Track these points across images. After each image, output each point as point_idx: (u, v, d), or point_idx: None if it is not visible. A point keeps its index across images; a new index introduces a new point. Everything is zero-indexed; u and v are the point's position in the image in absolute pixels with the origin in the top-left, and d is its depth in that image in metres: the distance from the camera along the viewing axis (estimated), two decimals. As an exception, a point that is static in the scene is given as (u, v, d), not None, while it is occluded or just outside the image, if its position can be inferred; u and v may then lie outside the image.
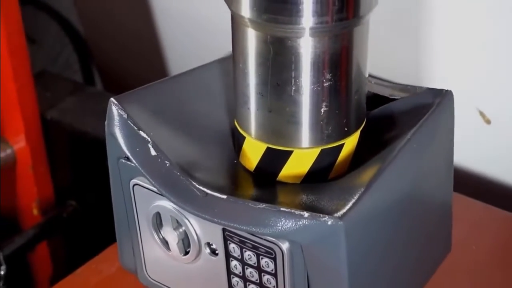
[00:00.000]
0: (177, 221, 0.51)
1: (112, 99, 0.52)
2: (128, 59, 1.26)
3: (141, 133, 0.51)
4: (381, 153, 0.48)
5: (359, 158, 0.51)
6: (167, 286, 0.58)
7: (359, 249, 0.46)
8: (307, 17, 0.41)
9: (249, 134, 0.50)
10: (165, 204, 0.51)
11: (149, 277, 0.59)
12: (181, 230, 0.52)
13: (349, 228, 0.44)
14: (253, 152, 0.50)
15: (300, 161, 0.49)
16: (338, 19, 0.42)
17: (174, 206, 0.50)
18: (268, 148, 0.49)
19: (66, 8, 1.25)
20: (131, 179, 0.53)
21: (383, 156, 0.47)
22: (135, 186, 0.53)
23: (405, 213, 0.50)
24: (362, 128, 0.51)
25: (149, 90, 0.55)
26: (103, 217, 0.62)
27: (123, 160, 0.53)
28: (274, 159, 0.49)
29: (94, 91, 1.13)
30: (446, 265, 0.61)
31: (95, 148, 1.00)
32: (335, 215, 0.44)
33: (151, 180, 0.50)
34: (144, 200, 0.53)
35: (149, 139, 0.51)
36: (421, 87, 0.51)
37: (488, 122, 0.85)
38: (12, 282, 1.03)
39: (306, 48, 0.43)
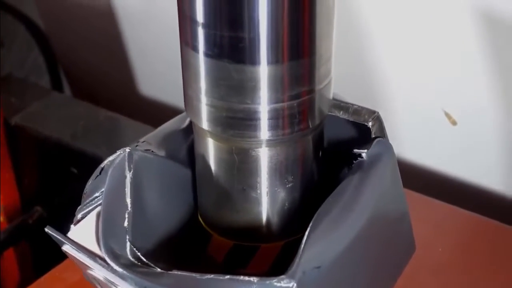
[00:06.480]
0: None
1: (131, 149, 0.50)
2: (95, 65, 1.26)
3: (128, 199, 0.49)
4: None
5: None
6: None
7: None
8: (264, 131, 0.45)
9: (216, 232, 0.52)
10: (98, 275, 0.49)
11: None
12: None
13: (301, 284, 0.44)
14: (219, 247, 0.52)
15: (266, 254, 0.51)
16: (297, 130, 0.45)
17: (107, 277, 0.48)
18: (235, 245, 0.51)
19: (31, 10, 1.24)
20: (61, 246, 0.50)
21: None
22: (67, 252, 0.51)
23: (359, 245, 0.50)
24: None
25: (165, 163, 0.53)
26: (69, 223, 0.61)
27: (48, 230, 0.49)
28: (241, 254, 0.51)
29: (61, 97, 1.13)
30: (411, 268, 0.61)
31: (60, 154, 0.99)
32: (283, 276, 0.43)
33: (102, 242, 0.47)
34: (78, 263, 0.51)
35: (130, 208, 0.49)
36: (353, 105, 0.52)
37: (454, 123, 0.86)
38: (-22, 289, 1.02)
39: (269, 156, 0.47)
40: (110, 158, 0.51)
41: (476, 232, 0.74)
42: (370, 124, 0.50)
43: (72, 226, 0.51)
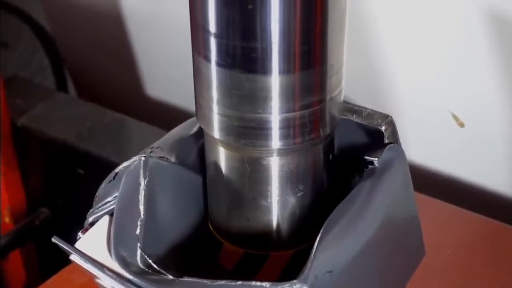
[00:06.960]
0: None
1: (147, 158, 0.49)
2: (100, 66, 1.26)
3: (141, 206, 0.49)
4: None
5: None
6: None
7: None
8: (275, 140, 0.45)
9: (226, 240, 0.52)
10: (106, 285, 0.50)
11: None
12: None
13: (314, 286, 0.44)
14: (230, 255, 0.52)
15: (276, 263, 0.52)
16: (308, 140, 0.46)
17: (115, 287, 0.48)
18: (245, 253, 0.51)
19: (36, 11, 1.24)
20: (69, 256, 0.50)
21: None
22: (74, 261, 0.51)
23: (370, 250, 0.50)
24: None
25: (178, 170, 0.52)
26: (75, 224, 0.61)
27: (55, 240, 0.50)
28: (251, 262, 0.52)
29: (66, 98, 1.13)
30: (417, 269, 0.61)
31: (66, 155, 0.99)
32: (295, 280, 0.43)
33: (112, 250, 0.47)
34: (86, 272, 0.51)
35: (142, 216, 0.49)
36: (366, 109, 0.52)
37: (461, 125, 0.86)
38: (-16, 291, 1.03)
39: (280, 165, 0.47)
40: (125, 164, 0.50)
41: (482, 233, 0.75)
42: (383, 128, 0.50)
43: (80, 234, 0.50)
